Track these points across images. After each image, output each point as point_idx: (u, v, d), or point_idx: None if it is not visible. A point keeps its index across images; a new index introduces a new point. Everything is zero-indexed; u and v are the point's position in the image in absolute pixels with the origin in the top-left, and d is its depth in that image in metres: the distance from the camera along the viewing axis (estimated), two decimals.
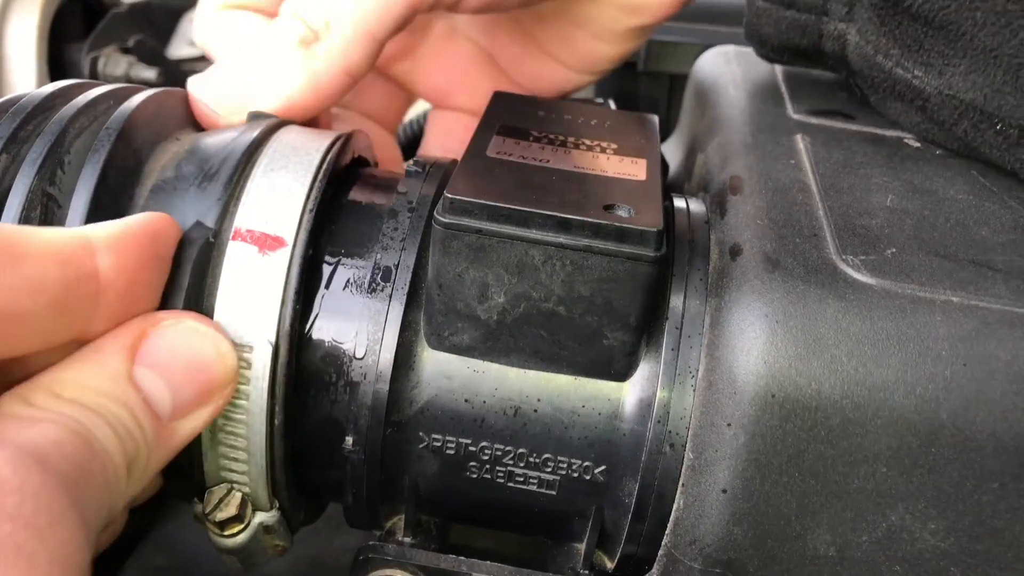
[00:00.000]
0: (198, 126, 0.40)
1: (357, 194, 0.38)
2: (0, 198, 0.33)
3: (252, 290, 0.33)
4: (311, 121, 0.42)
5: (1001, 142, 0.38)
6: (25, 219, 0.33)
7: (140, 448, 0.29)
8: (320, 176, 0.35)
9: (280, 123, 0.39)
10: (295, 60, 0.40)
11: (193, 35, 0.48)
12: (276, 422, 0.34)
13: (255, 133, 0.37)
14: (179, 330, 0.31)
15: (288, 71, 0.40)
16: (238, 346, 0.33)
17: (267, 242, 0.34)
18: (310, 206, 0.35)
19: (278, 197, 0.35)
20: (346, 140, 0.38)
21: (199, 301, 0.33)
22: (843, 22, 0.43)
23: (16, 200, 0.33)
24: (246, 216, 0.34)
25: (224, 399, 0.32)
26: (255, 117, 0.39)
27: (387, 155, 0.52)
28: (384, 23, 0.41)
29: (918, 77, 0.40)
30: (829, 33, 0.43)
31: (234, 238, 0.34)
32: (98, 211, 0.33)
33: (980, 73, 0.38)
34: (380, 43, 0.41)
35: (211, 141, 0.37)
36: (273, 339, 0.33)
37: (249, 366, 0.33)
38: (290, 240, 0.34)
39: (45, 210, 0.33)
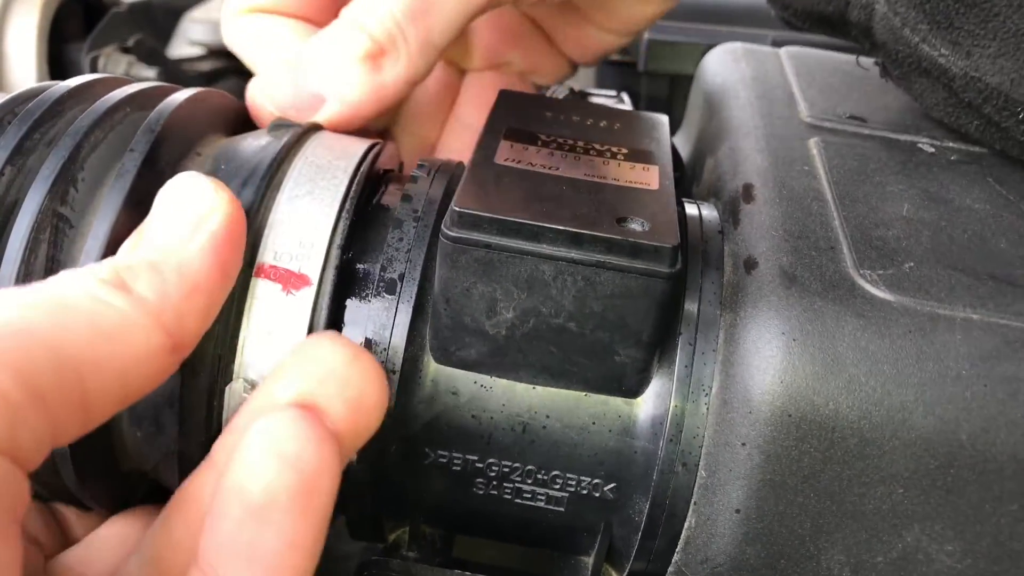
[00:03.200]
0: (218, 134, 0.39)
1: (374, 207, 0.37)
2: (5, 213, 0.32)
3: (277, 331, 0.32)
4: None
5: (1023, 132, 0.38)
6: (34, 241, 0.32)
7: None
8: (347, 206, 0.34)
9: (303, 133, 0.37)
10: (361, 73, 0.40)
11: (223, 38, 0.47)
12: None
13: (277, 149, 0.36)
14: None
15: (353, 83, 0.40)
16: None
17: (291, 280, 0.33)
18: (337, 240, 0.34)
19: (303, 230, 0.34)
20: (374, 157, 0.37)
21: (225, 340, 0.32)
22: None
23: (25, 221, 0.32)
24: (270, 251, 0.33)
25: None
26: (277, 127, 0.38)
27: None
28: (446, 35, 0.41)
29: (944, 56, 0.39)
30: (857, 1, 0.42)
31: (258, 274, 0.33)
32: (120, 241, 0.32)
33: (1009, 57, 0.37)
34: (441, 51, 0.41)
35: (232, 157, 0.36)
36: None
37: None
38: (315, 278, 0.33)
39: (55, 231, 0.32)
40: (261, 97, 0.42)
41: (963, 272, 0.33)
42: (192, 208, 0.30)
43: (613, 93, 0.58)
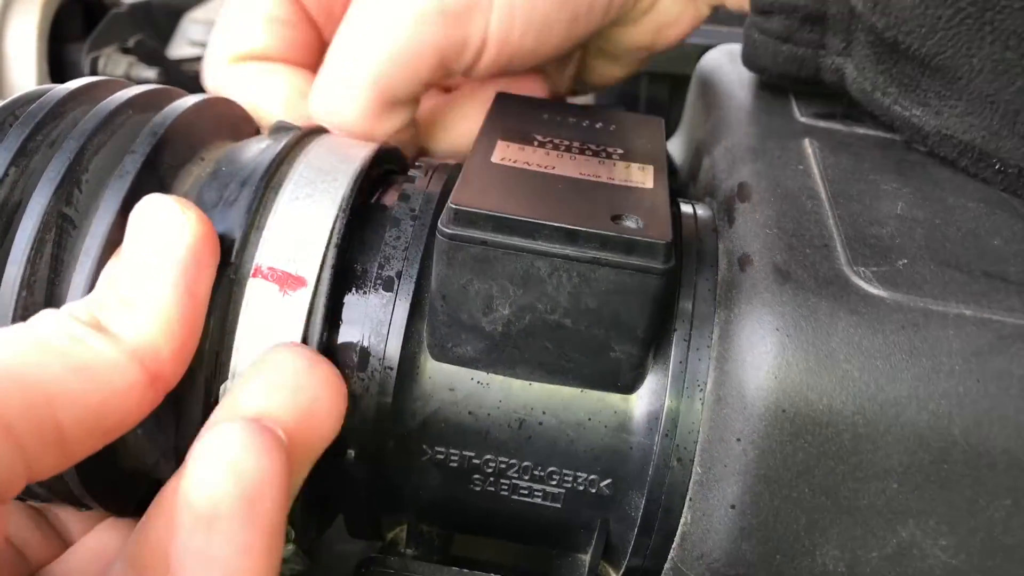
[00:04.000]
0: (224, 140, 0.39)
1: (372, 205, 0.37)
2: (9, 213, 0.32)
3: (272, 332, 0.33)
4: None
5: (1002, 180, 0.38)
6: (40, 241, 0.32)
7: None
8: (345, 206, 0.34)
9: (304, 136, 0.38)
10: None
11: (204, 83, 0.47)
12: None
13: (276, 151, 0.36)
14: None
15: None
16: None
17: (288, 281, 0.33)
18: (335, 241, 0.34)
19: (300, 232, 0.34)
20: (377, 160, 0.37)
21: (221, 340, 0.33)
22: (840, 56, 0.42)
23: (31, 222, 0.32)
24: (267, 252, 0.33)
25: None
26: (279, 129, 0.38)
27: None
28: (409, 90, 0.42)
29: (916, 116, 0.40)
30: (827, 67, 0.43)
31: (254, 275, 0.33)
32: (118, 242, 0.32)
33: (977, 116, 0.38)
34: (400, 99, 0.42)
35: (232, 160, 0.36)
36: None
37: None
38: (312, 279, 0.33)
39: (60, 231, 0.32)
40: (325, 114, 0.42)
41: (956, 269, 0.33)
42: (160, 237, 0.31)
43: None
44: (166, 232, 0.31)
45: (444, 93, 0.50)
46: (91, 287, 0.32)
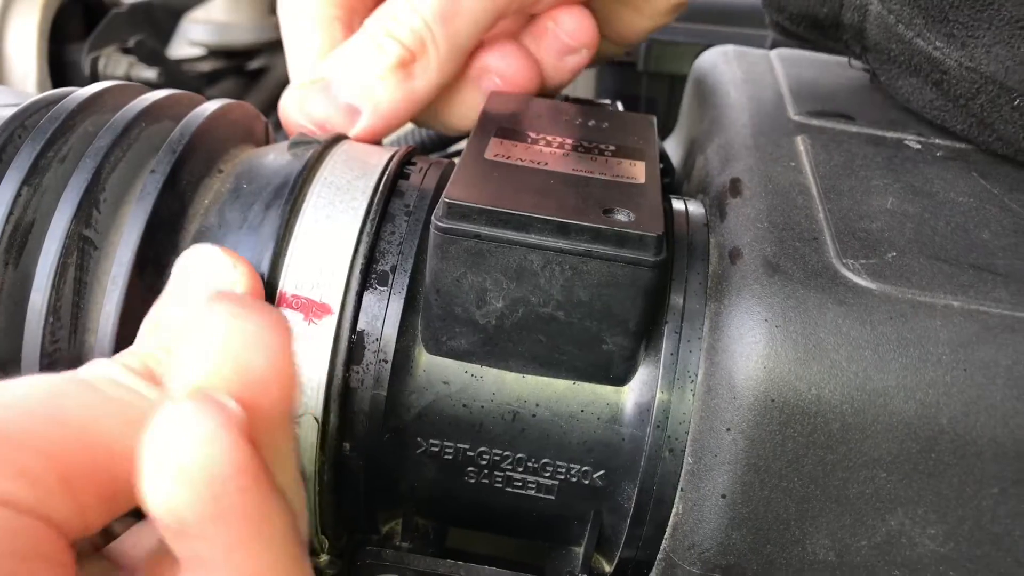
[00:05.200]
0: (239, 147, 0.40)
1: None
2: (23, 233, 0.33)
3: (299, 360, 0.33)
4: None
5: (1017, 117, 0.38)
6: (63, 266, 0.32)
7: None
8: (368, 229, 0.35)
9: (323, 150, 0.38)
10: (393, 80, 0.41)
11: (279, 9, 0.47)
12: (325, 479, 0.34)
13: (299, 169, 0.36)
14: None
15: (387, 92, 0.41)
16: None
17: (313, 309, 0.33)
18: (358, 266, 0.34)
19: (323, 258, 0.34)
20: (395, 170, 0.38)
21: None
22: None
23: (53, 246, 0.32)
24: (292, 280, 0.34)
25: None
26: (297, 143, 0.38)
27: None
28: (474, 37, 0.42)
29: (939, 48, 0.40)
30: (850, 3, 0.43)
31: (280, 304, 0.33)
32: (143, 264, 0.33)
33: (1004, 45, 0.38)
34: (469, 52, 0.43)
35: (254, 176, 0.36)
36: (320, 413, 0.33)
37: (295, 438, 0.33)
38: (336, 307, 0.33)
39: (81, 254, 0.33)
40: (295, 112, 0.42)
41: (945, 261, 0.33)
42: (211, 292, 0.27)
43: (607, 102, 0.59)
44: (220, 283, 0.31)
45: None
46: (121, 315, 0.32)
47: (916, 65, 0.41)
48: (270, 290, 0.33)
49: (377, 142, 0.43)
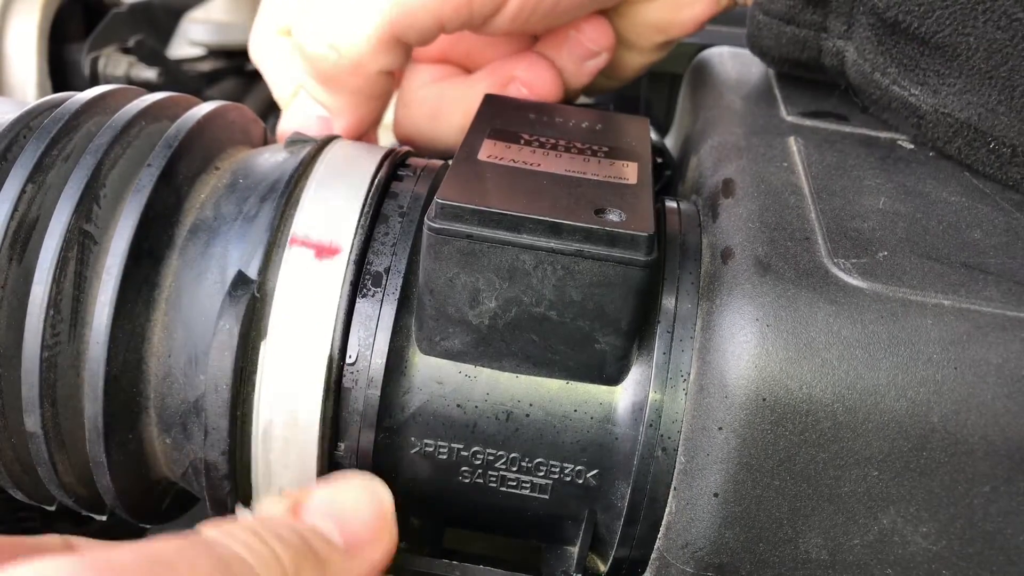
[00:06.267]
0: (236, 147, 0.40)
1: None
2: (27, 230, 0.33)
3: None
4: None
5: (994, 160, 0.39)
6: (63, 260, 0.32)
7: (310, 566, 0.29)
8: (359, 231, 0.35)
9: (319, 149, 0.38)
10: (327, 89, 0.44)
11: (250, 52, 0.49)
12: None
13: (295, 165, 0.36)
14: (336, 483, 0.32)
15: (330, 98, 0.44)
16: None
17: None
18: (350, 278, 0.34)
19: (330, 215, 0.35)
20: (389, 169, 0.38)
21: (246, 357, 0.33)
22: (841, 39, 0.43)
23: (53, 242, 0.33)
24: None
25: (393, 535, 0.32)
26: (294, 141, 0.39)
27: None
28: (390, 28, 0.42)
29: (914, 95, 0.41)
30: (828, 49, 0.44)
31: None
32: (138, 256, 0.33)
33: (975, 93, 0.38)
34: (401, 40, 0.42)
35: (249, 173, 0.37)
36: (321, 394, 0.33)
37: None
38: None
39: (82, 248, 0.33)
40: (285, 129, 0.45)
41: (936, 260, 0.33)
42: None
43: (601, 104, 0.59)
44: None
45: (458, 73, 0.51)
46: (116, 306, 0.33)
47: (895, 109, 0.42)
48: (268, 280, 0.34)
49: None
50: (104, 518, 0.38)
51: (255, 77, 0.85)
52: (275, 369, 0.33)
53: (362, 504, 0.31)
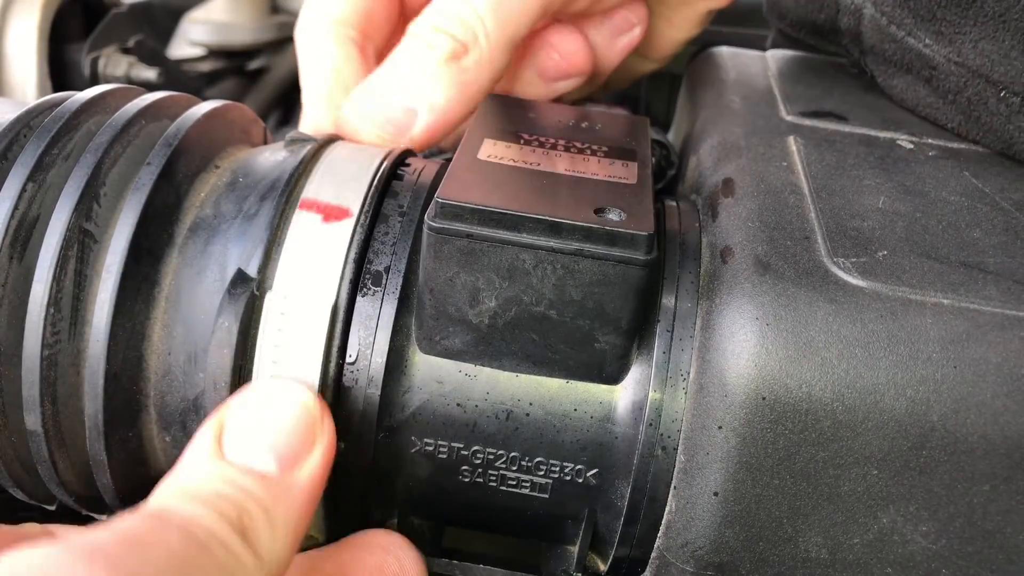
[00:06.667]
0: (236, 147, 0.40)
1: None
2: (28, 228, 0.33)
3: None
4: None
5: (1004, 109, 0.39)
6: (63, 258, 0.33)
7: (253, 511, 0.29)
8: (357, 232, 0.35)
9: (319, 149, 0.38)
10: (446, 75, 0.42)
11: (295, 37, 0.48)
12: None
13: (295, 163, 0.36)
14: (255, 401, 0.32)
15: (439, 86, 0.42)
16: None
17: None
18: (350, 277, 0.34)
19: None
20: (390, 167, 0.38)
21: (245, 354, 0.33)
22: None
23: (54, 240, 0.33)
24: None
25: (327, 434, 0.32)
26: (294, 140, 0.39)
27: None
28: (524, 27, 0.43)
29: (928, 46, 0.41)
30: (846, 7, 0.45)
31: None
32: (138, 254, 0.33)
33: (989, 39, 0.39)
34: (518, 43, 0.43)
35: (249, 172, 0.37)
36: (316, 389, 0.33)
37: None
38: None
39: (82, 247, 0.33)
40: (358, 119, 0.43)
41: (935, 260, 0.33)
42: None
43: (600, 104, 0.59)
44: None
45: None
46: (115, 304, 0.33)
47: (908, 63, 0.42)
48: (267, 278, 0.34)
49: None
50: (105, 518, 0.38)
51: (255, 77, 0.85)
52: (274, 367, 0.33)
53: (285, 415, 0.31)
